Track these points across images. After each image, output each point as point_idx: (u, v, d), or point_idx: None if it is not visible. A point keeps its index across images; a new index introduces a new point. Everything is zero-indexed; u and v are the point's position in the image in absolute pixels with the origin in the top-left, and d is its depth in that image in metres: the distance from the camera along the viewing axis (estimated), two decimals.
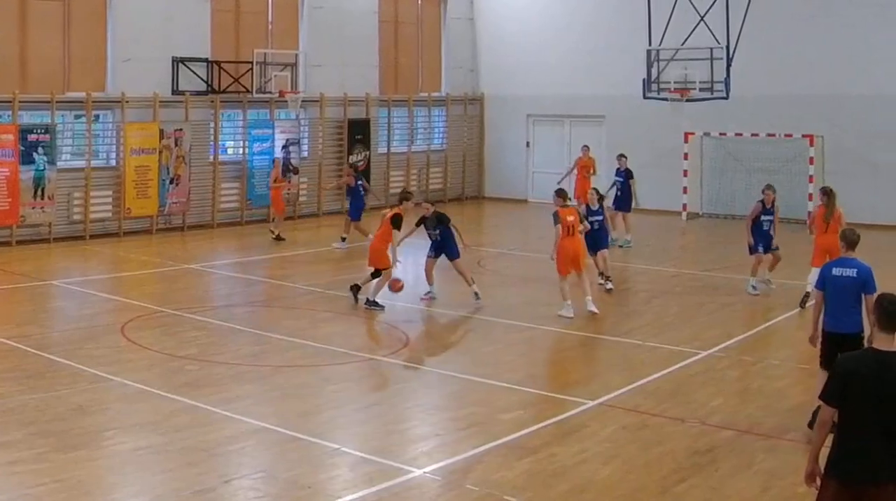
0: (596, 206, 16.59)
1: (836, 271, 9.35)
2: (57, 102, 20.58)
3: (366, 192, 21.41)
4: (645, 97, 23.78)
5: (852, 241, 9.51)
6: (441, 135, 29.13)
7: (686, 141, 25.42)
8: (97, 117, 21.78)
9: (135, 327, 13.41)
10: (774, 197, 16.27)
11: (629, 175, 21.15)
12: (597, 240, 16.15)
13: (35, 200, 20.11)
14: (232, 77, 23.27)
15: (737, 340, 13.29)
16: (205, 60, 23.01)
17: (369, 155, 26.33)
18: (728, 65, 22.34)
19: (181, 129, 22.38)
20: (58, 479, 8.05)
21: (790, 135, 24.07)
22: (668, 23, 22.81)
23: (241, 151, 24.06)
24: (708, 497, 8.07)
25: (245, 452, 8.98)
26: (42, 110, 20.75)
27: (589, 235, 15.35)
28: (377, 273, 14.96)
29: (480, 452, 8.96)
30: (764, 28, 23.39)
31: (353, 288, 15.14)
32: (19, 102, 20.05)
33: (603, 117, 27.17)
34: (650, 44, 23.44)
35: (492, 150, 29.83)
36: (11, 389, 10.45)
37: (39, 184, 20.16)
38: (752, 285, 16.12)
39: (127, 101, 21.49)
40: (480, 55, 29.74)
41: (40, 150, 20.09)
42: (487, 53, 29.56)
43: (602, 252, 16.45)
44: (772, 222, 16.14)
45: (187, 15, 22.70)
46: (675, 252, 21.65)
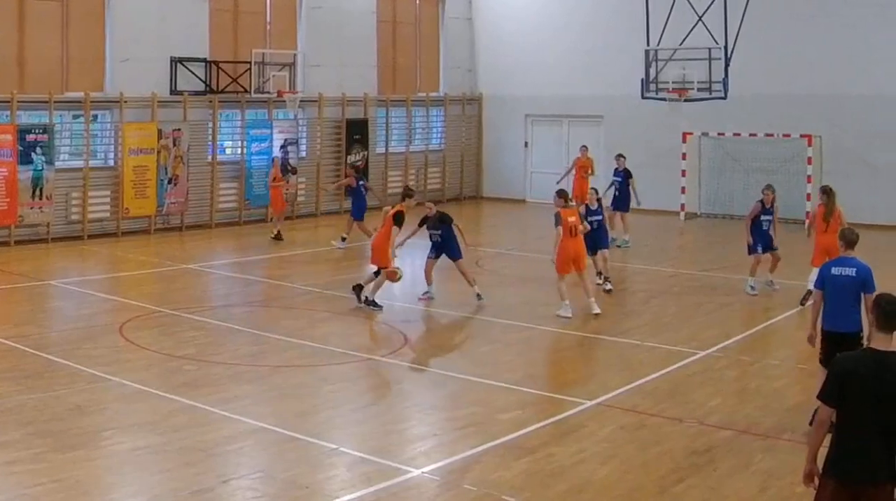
0: (595, 206, 16.59)
1: (836, 270, 9.36)
2: (55, 102, 20.57)
3: (367, 191, 21.41)
4: (643, 97, 23.78)
5: (851, 241, 9.52)
6: (439, 135, 29.13)
7: (684, 141, 25.42)
8: (95, 117, 21.77)
9: (133, 327, 13.40)
10: (774, 197, 16.31)
11: (628, 175, 21.13)
12: (596, 240, 16.15)
13: (33, 200, 20.10)
14: (230, 77, 23.27)
15: (735, 340, 13.29)
16: (203, 60, 23.00)
17: (367, 154, 26.33)
18: (726, 65, 22.34)
19: (179, 129, 22.37)
20: (56, 479, 8.05)
21: (788, 135, 24.07)
22: (667, 23, 22.81)
23: (240, 151, 24.06)
24: (706, 496, 8.07)
25: (243, 452, 8.98)
26: (40, 110, 20.73)
27: (588, 235, 15.34)
28: (380, 271, 14.94)
29: (478, 452, 8.96)
30: (762, 28, 23.39)
31: (356, 288, 15.00)
32: (17, 102, 20.03)
33: (601, 117, 27.17)
34: (648, 44, 23.44)
35: (490, 150, 29.83)
36: (9, 389, 10.45)
37: (37, 184, 20.15)
38: (751, 285, 16.12)
39: (125, 101, 21.48)
40: (478, 55, 29.74)
41: (38, 150, 20.08)
42: (485, 53, 29.56)
43: (602, 252, 16.45)
44: (771, 222, 16.16)
45: (185, 15, 22.69)
46: (674, 252, 21.65)
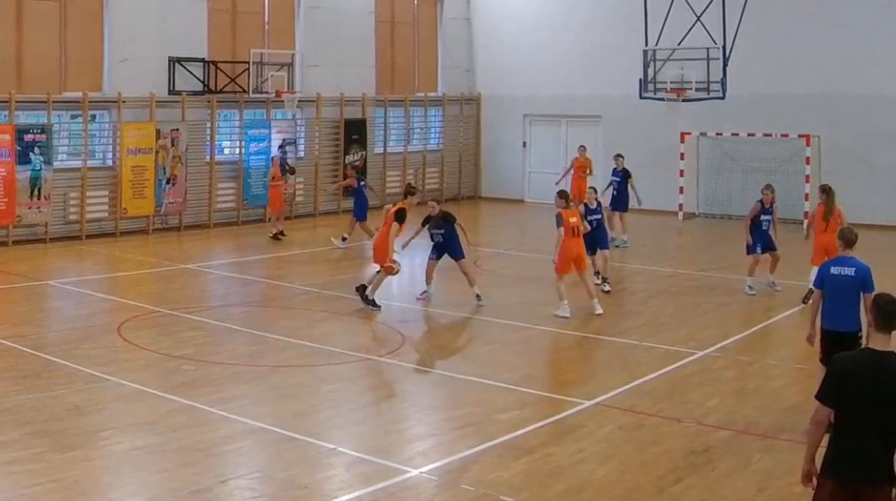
0: (594, 205, 16.55)
1: (835, 270, 9.37)
2: (53, 102, 20.55)
3: (368, 190, 21.42)
4: (641, 97, 23.79)
5: (850, 240, 9.53)
6: (437, 135, 29.11)
7: (682, 141, 25.41)
8: (93, 117, 21.75)
9: (131, 327, 13.40)
10: (773, 197, 16.30)
11: (626, 175, 21.10)
12: (596, 240, 16.09)
13: (31, 200, 20.09)
14: (228, 77, 23.25)
15: (733, 340, 13.29)
16: (201, 60, 22.99)
17: (365, 154, 26.32)
18: (724, 64, 22.36)
19: (178, 129, 22.36)
20: (54, 479, 8.04)
21: (787, 134, 24.05)
22: (665, 23, 22.82)
23: (238, 151, 24.04)
24: (704, 497, 8.07)
25: (241, 452, 8.97)
26: (38, 110, 20.72)
27: (588, 235, 15.32)
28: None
29: (477, 452, 8.95)
30: (760, 28, 23.40)
31: (360, 288, 14.87)
32: (16, 102, 20.02)
33: (599, 117, 27.17)
34: (647, 44, 23.45)
35: (488, 150, 29.82)
36: (8, 389, 10.44)
37: (36, 184, 20.13)
38: (749, 285, 16.12)
39: (123, 101, 21.47)
40: (477, 55, 29.73)
41: (37, 150, 20.06)
42: (484, 53, 29.55)
43: (603, 252, 16.38)
44: (770, 222, 16.16)
45: (184, 15, 22.67)
46: (672, 252, 21.64)
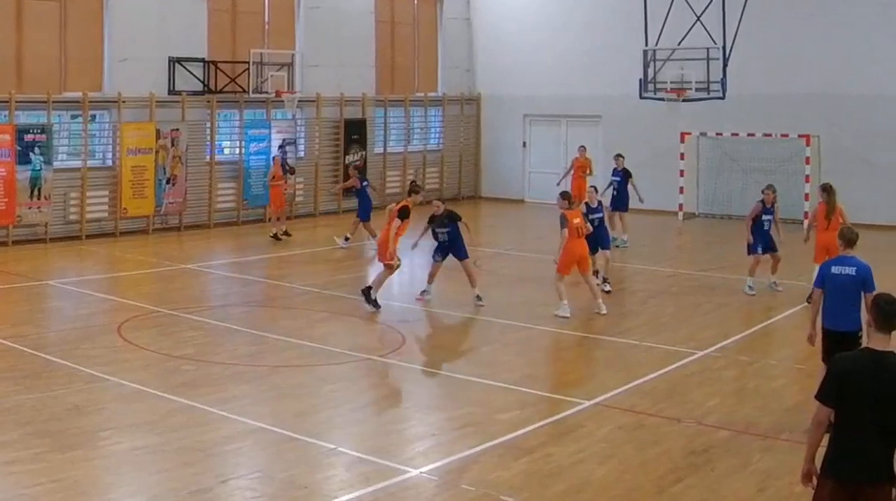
0: (595, 204, 16.53)
1: (836, 269, 9.37)
2: (53, 102, 20.55)
3: (371, 190, 21.43)
4: (641, 97, 23.79)
5: (850, 240, 9.52)
6: (437, 135, 29.11)
7: (682, 141, 25.41)
8: (93, 117, 21.75)
9: (131, 327, 13.39)
10: (774, 197, 16.28)
11: (627, 174, 21.09)
12: (597, 239, 16.02)
13: (31, 200, 20.08)
14: (228, 77, 23.25)
15: (733, 340, 13.29)
16: (201, 60, 22.99)
17: (365, 154, 26.31)
18: (724, 64, 22.36)
19: (178, 129, 22.36)
20: (54, 479, 8.04)
21: (786, 134, 24.04)
22: (665, 22, 22.82)
23: (238, 151, 24.04)
24: (704, 497, 8.07)
25: (241, 452, 8.97)
26: (38, 110, 20.72)
27: (590, 235, 15.29)
28: None
29: (477, 452, 8.95)
30: (760, 27, 23.40)
31: (366, 290, 14.75)
32: (16, 102, 20.01)
33: (599, 117, 27.16)
34: (647, 44, 23.45)
35: (488, 150, 29.81)
36: (8, 389, 10.44)
37: (36, 184, 20.13)
38: (749, 285, 16.11)
39: (123, 101, 21.47)
40: (477, 55, 29.73)
41: (37, 150, 20.06)
42: (484, 53, 29.55)
43: (604, 252, 16.32)
44: (772, 222, 16.15)
45: (184, 15, 22.67)
46: (672, 252, 21.64)
